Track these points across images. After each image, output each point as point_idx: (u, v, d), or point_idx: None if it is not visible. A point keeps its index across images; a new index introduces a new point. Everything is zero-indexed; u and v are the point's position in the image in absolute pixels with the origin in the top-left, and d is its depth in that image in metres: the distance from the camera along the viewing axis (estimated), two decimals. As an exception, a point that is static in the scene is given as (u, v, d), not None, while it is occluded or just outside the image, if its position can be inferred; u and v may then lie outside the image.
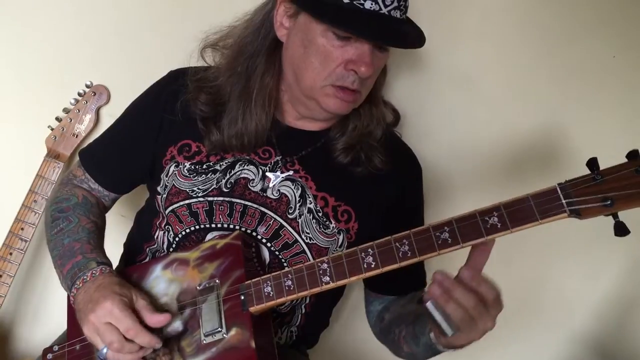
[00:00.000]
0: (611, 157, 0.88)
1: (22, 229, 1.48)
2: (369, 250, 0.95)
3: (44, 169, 1.49)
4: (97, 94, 1.53)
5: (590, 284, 1.71)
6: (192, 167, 1.17)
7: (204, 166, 1.17)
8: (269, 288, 0.99)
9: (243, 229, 1.14)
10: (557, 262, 1.69)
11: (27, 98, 1.57)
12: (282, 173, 1.17)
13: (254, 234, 1.14)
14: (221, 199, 1.15)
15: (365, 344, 1.26)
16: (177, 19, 1.54)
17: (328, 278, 0.96)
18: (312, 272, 0.97)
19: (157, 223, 1.22)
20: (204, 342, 1.00)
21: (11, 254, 1.48)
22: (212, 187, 1.16)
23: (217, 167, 1.17)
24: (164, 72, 1.26)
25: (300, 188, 1.16)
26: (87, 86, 1.52)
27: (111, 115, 1.32)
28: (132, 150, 1.23)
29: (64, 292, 1.10)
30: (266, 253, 1.15)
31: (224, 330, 1.00)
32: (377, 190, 1.20)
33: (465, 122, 1.60)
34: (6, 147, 1.60)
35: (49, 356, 1.13)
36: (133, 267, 1.16)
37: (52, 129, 1.52)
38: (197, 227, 1.15)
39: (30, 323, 1.66)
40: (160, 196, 1.19)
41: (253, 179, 1.17)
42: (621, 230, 0.85)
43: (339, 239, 1.16)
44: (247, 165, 1.17)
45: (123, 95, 1.30)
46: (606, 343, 1.74)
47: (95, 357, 1.06)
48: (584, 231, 1.53)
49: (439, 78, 1.57)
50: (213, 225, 1.15)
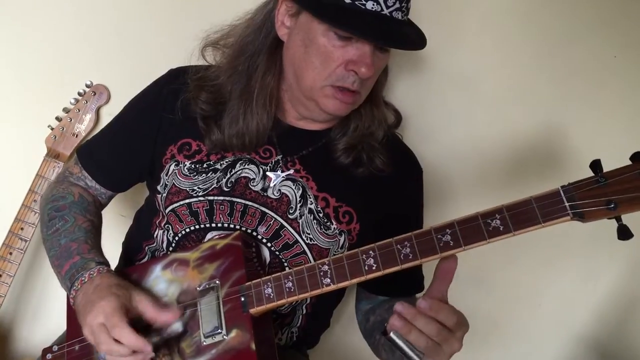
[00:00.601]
0: (613, 158, 0.88)
1: (22, 228, 1.48)
2: (370, 252, 0.94)
3: (43, 168, 1.49)
4: (97, 93, 1.52)
5: (591, 284, 1.71)
6: (193, 166, 1.17)
7: (204, 165, 1.17)
8: (270, 289, 0.99)
9: (243, 229, 1.13)
10: (557, 262, 1.69)
11: (27, 97, 1.57)
12: (282, 172, 1.17)
13: (254, 233, 1.14)
14: (221, 198, 1.14)
15: (366, 344, 1.26)
16: (178, 18, 1.54)
17: (329, 280, 0.96)
18: (313, 273, 0.96)
19: (157, 222, 1.21)
20: (204, 343, 1.00)
21: (11, 253, 1.48)
22: (213, 186, 1.15)
23: (218, 166, 1.17)
24: (164, 72, 1.26)
25: (301, 188, 1.16)
26: (87, 86, 1.52)
27: (111, 115, 1.32)
28: (131, 148, 1.23)
29: (64, 292, 1.10)
30: (266, 253, 1.14)
31: (224, 331, 0.99)
32: (378, 192, 1.19)
33: (466, 122, 1.60)
34: (6, 147, 1.59)
35: (49, 356, 1.12)
36: (132, 268, 1.16)
37: (52, 129, 1.52)
38: (197, 227, 1.15)
39: (30, 323, 1.66)
40: (160, 195, 1.19)
41: (254, 178, 1.16)
42: (624, 233, 0.84)
43: (340, 240, 1.16)
44: (248, 165, 1.17)
45: (123, 95, 1.29)
46: (607, 344, 1.74)
47: (94, 358, 1.06)
48: (584, 232, 1.52)
49: (440, 79, 1.57)
50: (213, 225, 1.14)
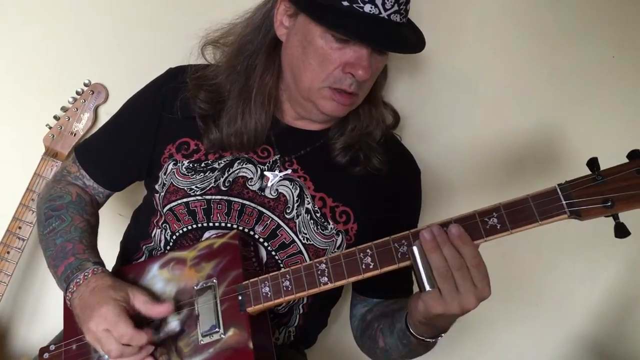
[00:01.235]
0: (611, 157, 0.88)
1: (20, 227, 1.48)
2: (368, 250, 0.94)
3: (41, 167, 1.49)
4: (95, 92, 1.52)
5: (589, 284, 1.71)
6: (191, 165, 1.17)
7: (202, 164, 1.17)
8: (267, 288, 0.99)
9: (240, 228, 1.13)
10: (555, 262, 1.69)
11: (25, 96, 1.57)
12: (280, 172, 1.17)
13: (251, 233, 1.14)
14: (219, 197, 1.14)
15: (364, 344, 1.26)
16: (176, 17, 1.54)
17: (326, 279, 0.96)
18: (311, 272, 0.96)
19: (155, 221, 1.21)
20: (202, 342, 1.00)
21: (9, 252, 1.48)
22: (210, 186, 1.15)
23: (216, 165, 1.17)
24: (162, 71, 1.26)
25: (298, 188, 1.16)
26: (86, 85, 1.52)
27: (109, 114, 1.32)
28: (129, 147, 1.23)
29: (61, 292, 1.09)
30: (264, 252, 1.14)
31: (221, 330, 0.99)
32: (376, 191, 1.19)
33: (465, 122, 1.60)
34: (4, 146, 1.59)
35: (46, 355, 1.12)
36: (129, 267, 1.16)
37: (50, 128, 1.51)
38: (194, 226, 1.15)
39: (28, 322, 1.66)
40: (158, 194, 1.19)
41: (251, 178, 1.16)
42: (621, 231, 0.84)
43: (337, 240, 1.16)
44: (246, 164, 1.17)
45: (121, 94, 1.29)
46: (605, 343, 1.74)
47: (92, 357, 1.06)
48: (583, 231, 1.52)
49: (439, 79, 1.57)
50: (210, 224, 1.14)
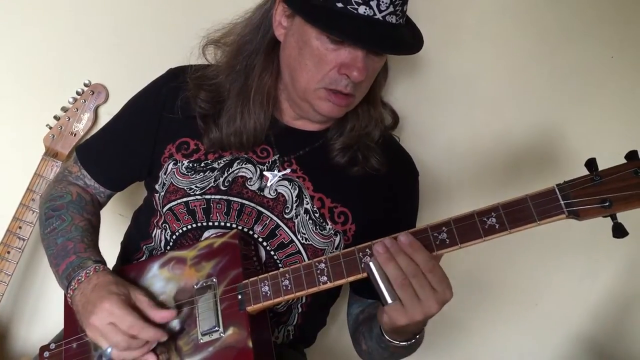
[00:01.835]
0: (610, 158, 0.88)
1: (20, 227, 1.48)
2: (367, 250, 0.94)
3: (42, 167, 1.49)
4: (95, 92, 1.53)
5: (587, 284, 1.71)
6: (190, 165, 1.17)
7: (202, 164, 1.17)
8: (267, 288, 0.99)
9: (240, 228, 1.14)
10: (554, 262, 1.69)
11: (25, 97, 1.57)
12: (279, 172, 1.17)
13: (251, 232, 1.14)
14: (218, 197, 1.15)
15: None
16: (176, 17, 1.54)
17: (325, 278, 0.96)
18: (310, 271, 0.97)
19: (155, 221, 1.22)
20: (201, 341, 1.00)
21: (9, 252, 1.48)
22: (210, 185, 1.15)
23: (215, 165, 1.17)
24: (162, 71, 1.26)
25: (297, 188, 1.16)
26: (86, 85, 1.52)
27: (109, 114, 1.32)
28: (130, 147, 1.23)
29: (61, 291, 1.10)
30: (263, 252, 1.14)
31: (221, 329, 0.99)
32: (374, 192, 1.19)
33: (464, 122, 1.60)
34: (4, 146, 1.60)
35: (46, 354, 1.12)
36: (130, 266, 1.16)
37: (51, 128, 1.52)
38: (194, 225, 1.15)
39: (28, 321, 1.67)
40: (158, 194, 1.19)
41: (251, 178, 1.16)
42: (619, 231, 0.84)
43: (335, 240, 1.16)
44: (245, 164, 1.17)
45: (121, 94, 1.29)
46: (604, 343, 1.74)
47: (92, 355, 1.06)
48: (582, 232, 1.53)
49: (438, 79, 1.57)
50: (210, 224, 1.15)
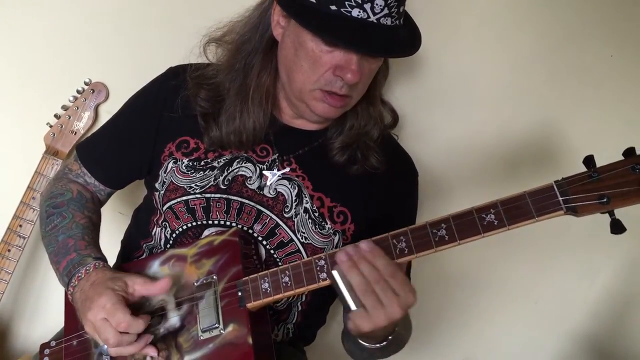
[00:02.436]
0: (608, 155, 0.88)
1: (21, 225, 1.48)
2: (367, 248, 0.94)
3: (42, 166, 1.50)
4: (95, 91, 1.53)
5: (587, 282, 1.71)
6: (190, 163, 1.17)
7: (202, 163, 1.17)
8: (267, 284, 0.99)
9: (239, 226, 1.14)
10: (553, 260, 1.69)
11: (26, 95, 1.57)
12: (278, 171, 1.17)
13: (250, 231, 1.15)
14: (218, 195, 1.15)
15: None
16: (177, 16, 1.54)
17: (325, 274, 0.96)
18: (310, 268, 0.97)
19: (155, 220, 1.22)
20: (201, 338, 1.00)
21: (9, 250, 1.48)
22: (210, 184, 1.16)
23: (215, 163, 1.17)
24: (163, 69, 1.26)
25: (297, 187, 1.16)
26: (86, 83, 1.53)
27: (110, 113, 1.32)
28: (130, 145, 1.23)
29: (62, 289, 1.10)
30: (263, 251, 1.15)
31: (221, 326, 1.00)
32: (374, 191, 1.20)
33: (463, 120, 1.60)
34: (5, 144, 1.60)
35: (46, 351, 1.13)
36: (130, 264, 1.16)
37: (51, 126, 1.52)
38: (193, 224, 1.16)
39: (29, 319, 1.67)
40: (158, 193, 1.19)
41: (250, 177, 1.17)
42: (617, 228, 0.85)
43: (334, 240, 1.16)
44: (245, 163, 1.17)
45: (122, 92, 1.29)
46: (603, 341, 1.74)
47: (92, 352, 1.07)
48: (580, 229, 1.53)
49: (438, 78, 1.57)
50: (210, 222, 1.15)
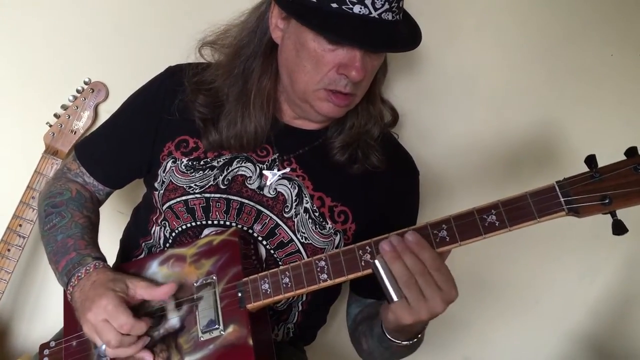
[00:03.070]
0: (609, 155, 0.88)
1: (20, 225, 1.48)
2: (367, 247, 0.94)
3: (42, 165, 1.49)
4: (95, 90, 1.53)
5: (587, 281, 1.71)
6: (190, 163, 1.17)
7: (202, 162, 1.17)
8: (267, 285, 0.99)
9: (239, 226, 1.14)
10: (554, 260, 1.69)
11: (25, 95, 1.57)
12: (278, 171, 1.17)
13: (250, 231, 1.14)
14: (218, 195, 1.15)
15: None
16: (176, 15, 1.54)
17: (325, 275, 0.96)
18: (310, 269, 0.97)
19: (154, 219, 1.22)
20: (202, 339, 1.00)
21: (9, 250, 1.48)
22: (209, 184, 1.15)
23: (215, 163, 1.17)
24: (162, 69, 1.26)
25: (297, 187, 1.16)
26: (86, 83, 1.52)
27: (109, 112, 1.32)
28: (129, 145, 1.23)
29: (61, 289, 1.10)
30: (263, 251, 1.15)
31: (221, 327, 1.00)
32: (374, 191, 1.19)
33: (464, 120, 1.60)
34: (5, 144, 1.60)
35: (46, 352, 1.13)
36: (129, 264, 1.16)
37: (51, 126, 1.52)
38: (193, 224, 1.15)
39: (28, 319, 1.67)
40: (157, 192, 1.19)
41: (250, 177, 1.16)
42: (619, 228, 0.84)
43: (335, 240, 1.16)
44: (245, 163, 1.17)
45: (121, 92, 1.29)
46: (603, 340, 1.74)
47: (92, 353, 1.06)
48: (581, 229, 1.53)
49: (438, 76, 1.57)
50: (209, 222, 1.15)
